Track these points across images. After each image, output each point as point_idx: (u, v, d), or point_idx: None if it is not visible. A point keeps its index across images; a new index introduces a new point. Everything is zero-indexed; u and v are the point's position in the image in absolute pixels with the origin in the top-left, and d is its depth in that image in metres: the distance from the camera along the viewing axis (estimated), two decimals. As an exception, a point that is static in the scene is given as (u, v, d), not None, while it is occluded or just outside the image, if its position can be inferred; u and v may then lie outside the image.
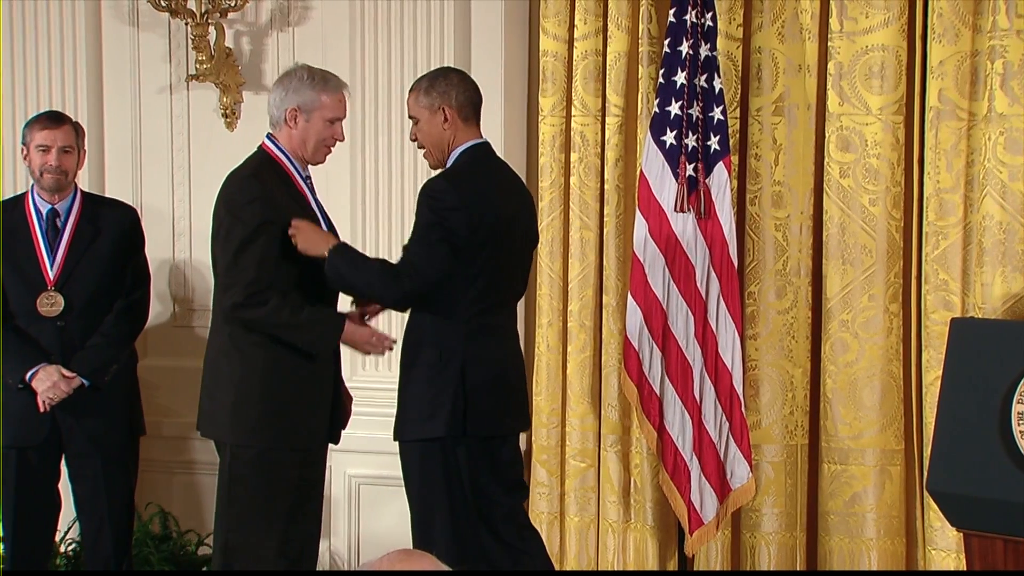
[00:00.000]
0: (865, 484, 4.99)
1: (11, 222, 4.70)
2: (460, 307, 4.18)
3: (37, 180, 4.68)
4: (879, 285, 4.98)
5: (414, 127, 4.28)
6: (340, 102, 4.20)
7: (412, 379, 4.24)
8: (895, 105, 4.95)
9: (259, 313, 4.08)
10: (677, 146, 4.85)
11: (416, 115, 4.24)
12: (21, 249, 4.68)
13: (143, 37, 5.62)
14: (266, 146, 4.22)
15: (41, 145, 4.64)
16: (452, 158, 4.24)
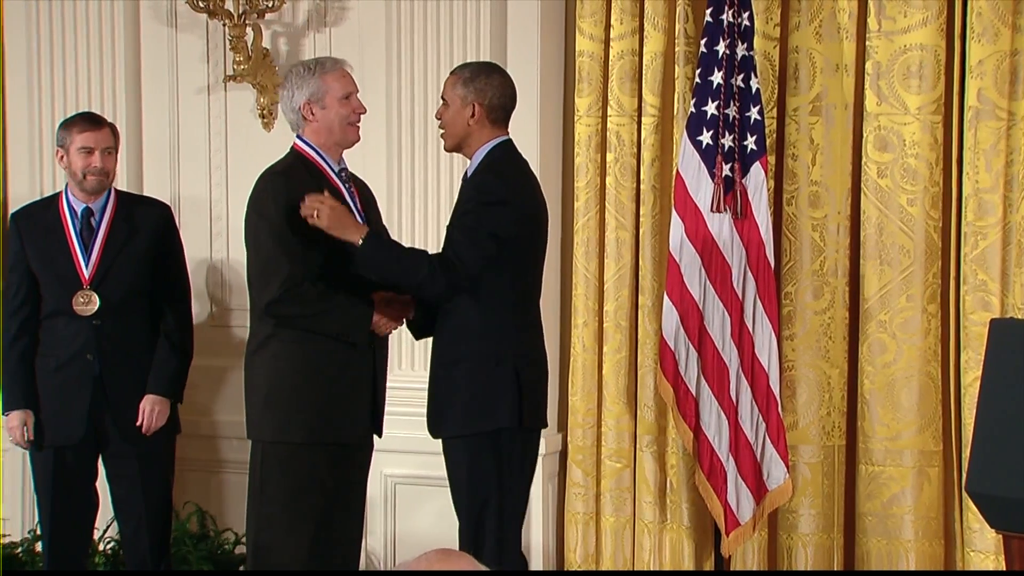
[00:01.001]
0: (903, 485, 4.99)
1: (45, 222, 4.74)
2: (508, 301, 4.19)
3: (79, 182, 4.70)
4: (917, 285, 4.98)
5: (442, 107, 4.28)
6: (344, 77, 4.22)
7: (457, 374, 4.20)
8: (934, 105, 4.94)
9: (295, 307, 4.11)
10: (713, 146, 4.84)
11: (448, 98, 4.24)
12: (56, 249, 4.71)
13: (181, 38, 5.65)
14: (297, 145, 4.25)
15: (84, 147, 4.66)
16: (481, 153, 4.24)
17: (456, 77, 4.24)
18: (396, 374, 5.23)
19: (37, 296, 4.72)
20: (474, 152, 4.24)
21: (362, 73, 5.33)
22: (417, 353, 5.28)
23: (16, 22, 5.73)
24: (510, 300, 4.19)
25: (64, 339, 4.69)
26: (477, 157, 4.24)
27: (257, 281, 4.17)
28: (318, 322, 4.13)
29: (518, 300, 4.22)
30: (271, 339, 4.17)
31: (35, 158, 5.73)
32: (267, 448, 4.19)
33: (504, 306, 4.17)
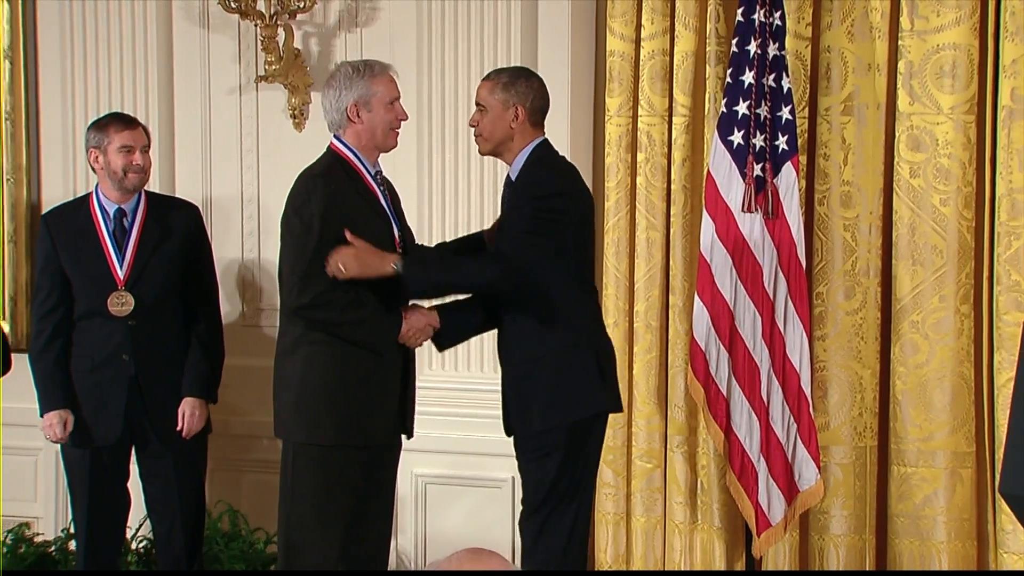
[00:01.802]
0: (936, 486, 5.00)
1: (77, 223, 4.76)
2: (575, 290, 4.28)
3: (119, 180, 4.71)
4: (950, 286, 4.98)
5: (479, 113, 4.31)
6: (391, 82, 4.24)
7: (540, 369, 4.25)
8: (966, 104, 4.94)
9: (327, 314, 4.15)
10: (745, 146, 4.85)
11: (486, 104, 4.28)
12: (89, 250, 4.73)
13: (213, 38, 5.66)
14: (335, 146, 4.27)
15: (125, 146, 4.69)
16: (524, 155, 4.29)
17: (493, 82, 4.29)
18: (426, 374, 5.26)
19: (70, 297, 4.74)
20: (515, 155, 4.29)
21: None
22: (447, 353, 5.23)
23: (50, 23, 5.77)
24: (576, 289, 4.28)
25: (99, 340, 4.72)
26: (520, 159, 4.29)
27: (289, 282, 4.20)
28: (348, 330, 4.18)
29: (584, 287, 4.32)
30: (302, 341, 4.21)
31: (68, 159, 5.77)
32: (298, 449, 4.23)
33: (573, 295, 4.26)
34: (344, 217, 4.14)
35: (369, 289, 4.20)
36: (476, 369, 5.37)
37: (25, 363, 4.86)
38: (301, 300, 4.16)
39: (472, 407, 5.29)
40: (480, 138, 4.32)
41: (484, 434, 5.25)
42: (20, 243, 5.88)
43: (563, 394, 4.23)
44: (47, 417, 4.72)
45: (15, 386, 5.07)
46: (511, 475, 5.23)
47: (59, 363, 4.72)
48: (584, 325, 4.30)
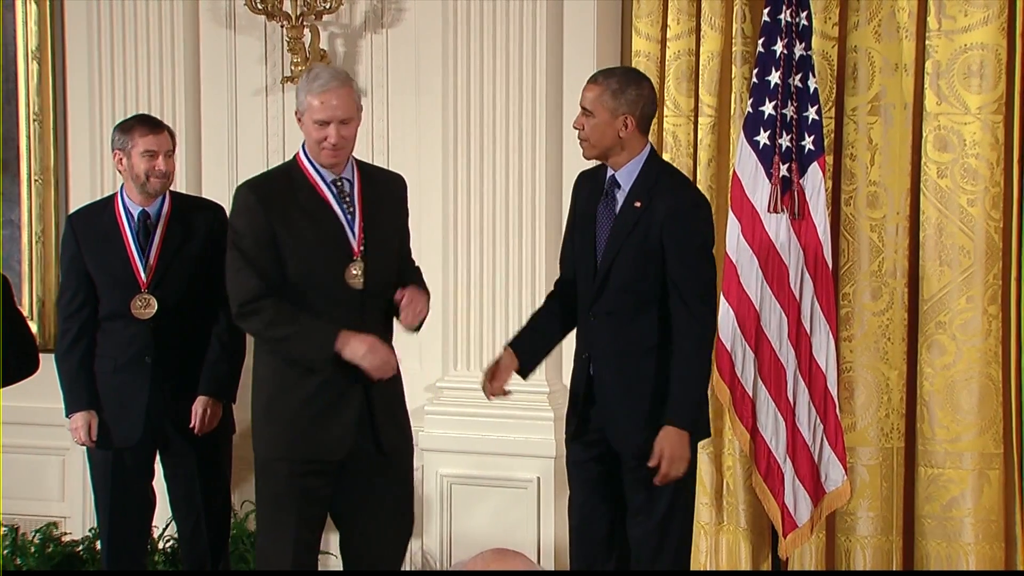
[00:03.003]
0: (963, 488, 5.00)
1: (102, 225, 4.77)
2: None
3: (141, 184, 4.71)
4: (977, 287, 4.98)
5: (584, 117, 4.17)
6: (323, 104, 4.03)
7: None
8: (994, 104, 4.94)
9: (252, 324, 4.16)
10: (771, 146, 4.85)
11: (594, 110, 4.14)
12: (113, 252, 4.74)
13: (239, 39, 5.69)
14: (298, 152, 4.25)
15: (148, 150, 4.68)
16: (638, 163, 4.20)
17: (601, 87, 4.15)
18: (450, 375, 5.30)
19: (95, 298, 4.77)
20: (625, 162, 4.20)
21: (418, 74, 5.50)
22: (473, 353, 5.36)
23: (77, 24, 5.80)
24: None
25: (122, 342, 4.74)
26: (631, 169, 4.19)
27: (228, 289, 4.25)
28: (273, 345, 4.17)
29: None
30: (257, 349, 4.32)
31: (96, 160, 5.79)
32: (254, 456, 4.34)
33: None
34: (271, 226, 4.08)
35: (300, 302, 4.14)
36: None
37: (52, 363, 4.89)
38: (231, 308, 4.18)
39: (496, 407, 5.17)
40: (586, 143, 4.19)
41: (509, 434, 5.31)
42: (48, 244, 5.95)
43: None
44: (73, 419, 4.75)
45: (42, 386, 5.08)
46: (536, 475, 5.30)
47: (84, 364, 4.75)
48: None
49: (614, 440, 4.22)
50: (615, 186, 4.22)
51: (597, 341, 4.23)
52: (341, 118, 4.05)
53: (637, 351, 4.17)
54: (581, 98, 4.21)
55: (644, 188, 4.18)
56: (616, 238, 4.18)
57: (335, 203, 4.14)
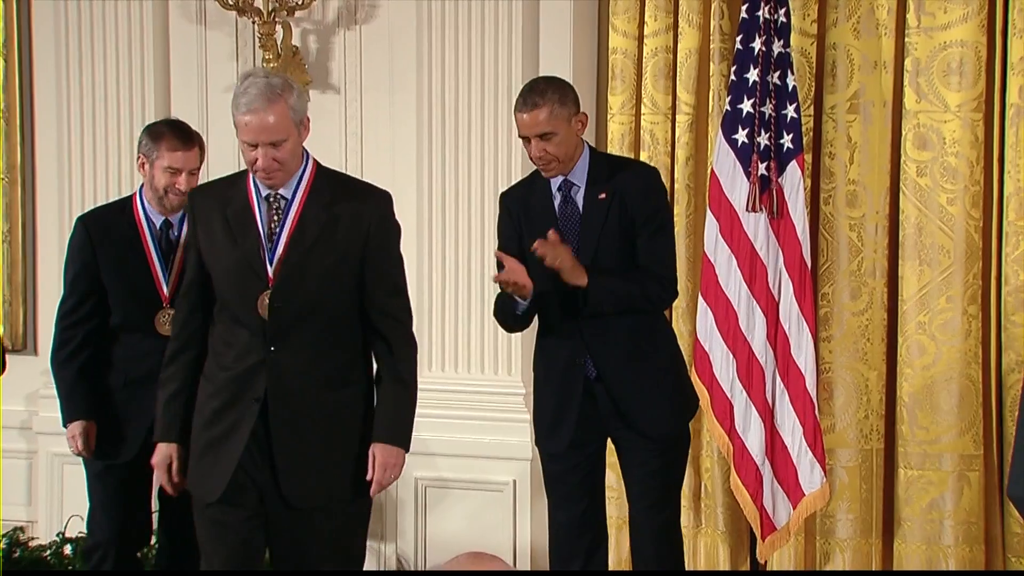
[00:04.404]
0: (943, 490, 5.04)
1: (120, 232, 4.56)
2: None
3: (159, 198, 4.55)
4: (957, 286, 5.01)
5: (545, 142, 4.16)
6: (246, 126, 3.67)
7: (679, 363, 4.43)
8: (974, 102, 4.97)
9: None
10: (749, 144, 4.86)
11: (554, 128, 4.15)
12: (134, 263, 4.55)
13: (210, 36, 5.66)
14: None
15: (170, 167, 4.50)
16: (586, 160, 4.28)
17: (548, 104, 4.15)
18: (426, 376, 5.26)
19: (104, 308, 4.57)
20: (575, 163, 4.27)
21: (392, 71, 5.47)
22: (448, 355, 5.36)
23: (44, 20, 5.77)
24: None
25: (136, 356, 4.56)
26: (583, 165, 4.27)
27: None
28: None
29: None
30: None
31: (63, 158, 5.76)
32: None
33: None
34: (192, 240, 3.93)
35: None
36: (476, 371, 5.39)
37: (19, 365, 4.81)
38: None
39: (472, 409, 5.34)
40: (555, 163, 4.20)
41: (484, 437, 5.32)
42: (15, 244, 5.90)
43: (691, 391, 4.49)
44: (71, 428, 4.60)
45: (9, 389, 5.04)
46: (512, 478, 5.31)
47: (84, 373, 4.59)
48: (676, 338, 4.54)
49: (646, 427, 4.29)
50: (570, 187, 4.28)
51: (595, 341, 4.27)
52: (269, 141, 3.66)
53: (643, 334, 4.28)
54: (526, 128, 4.18)
55: (601, 179, 4.25)
56: (590, 234, 4.23)
57: (260, 221, 3.77)
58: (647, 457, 4.31)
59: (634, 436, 4.31)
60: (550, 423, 4.36)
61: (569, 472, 4.36)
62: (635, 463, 4.35)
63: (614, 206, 4.22)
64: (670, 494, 4.39)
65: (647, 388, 4.28)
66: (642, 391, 4.28)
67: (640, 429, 4.30)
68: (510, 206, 4.39)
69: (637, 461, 4.34)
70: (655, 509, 4.35)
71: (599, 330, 4.25)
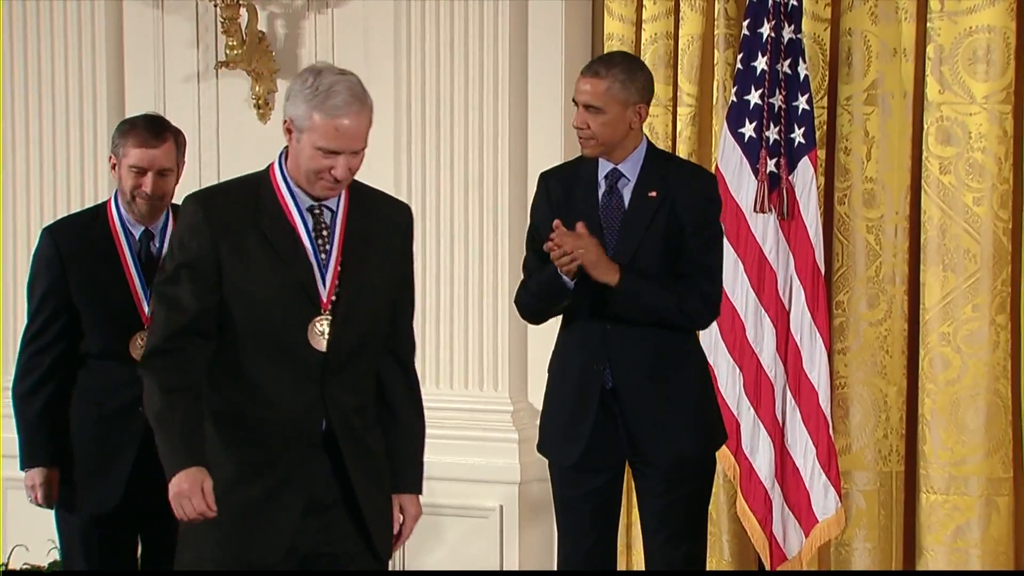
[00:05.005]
0: (969, 516, 4.95)
1: (93, 243, 4.24)
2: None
3: (127, 203, 4.25)
4: (984, 294, 4.93)
5: (589, 114, 4.05)
6: (335, 131, 3.39)
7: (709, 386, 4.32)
8: (1003, 93, 4.89)
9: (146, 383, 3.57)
10: (757, 139, 4.84)
11: (604, 105, 4.04)
12: (111, 280, 4.22)
13: (167, 20, 5.61)
14: (272, 164, 3.62)
15: (135, 166, 4.19)
16: (642, 153, 4.14)
17: (608, 80, 4.05)
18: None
19: (74, 331, 4.25)
20: (628, 153, 4.13)
21: (367, 59, 5.44)
22: (428, 368, 5.23)
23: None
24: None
25: (112, 386, 4.23)
26: (637, 157, 4.13)
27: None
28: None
29: None
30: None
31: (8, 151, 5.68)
32: None
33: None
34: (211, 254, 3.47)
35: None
36: (459, 386, 5.32)
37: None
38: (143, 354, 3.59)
39: (453, 428, 5.19)
40: (592, 141, 4.09)
41: (469, 458, 5.21)
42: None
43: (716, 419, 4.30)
44: (30, 475, 4.28)
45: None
46: (499, 503, 5.24)
47: (48, 410, 4.26)
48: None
49: (655, 455, 4.14)
50: (618, 178, 4.14)
51: (617, 349, 4.12)
52: (355, 149, 3.42)
53: (669, 352, 4.14)
54: (579, 93, 4.08)
55: (655, 177, 4.12)
56: (632, 233, 4.10)
57: (306, 236, 3.48)
58: (662, 487, 4.15)
59: (643, 461, 4.17)
60: (562, 429, 4.20)
61: (581, 499, 4.19)
62: (650, 492, 4.19)
63: (664, 207, 4.09)
64: (690, 526, 4.21)
65: (663, 412, 4.12)
66: (656, 415, 4.12)
67: (647, 456, 4.14)
68: (551, 187, 4.24)
69: (652, 491, 4.17)
70: (671, 543, 4.18)
71: (623, 338, 4.10)
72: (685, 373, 4.17)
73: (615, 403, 4.13)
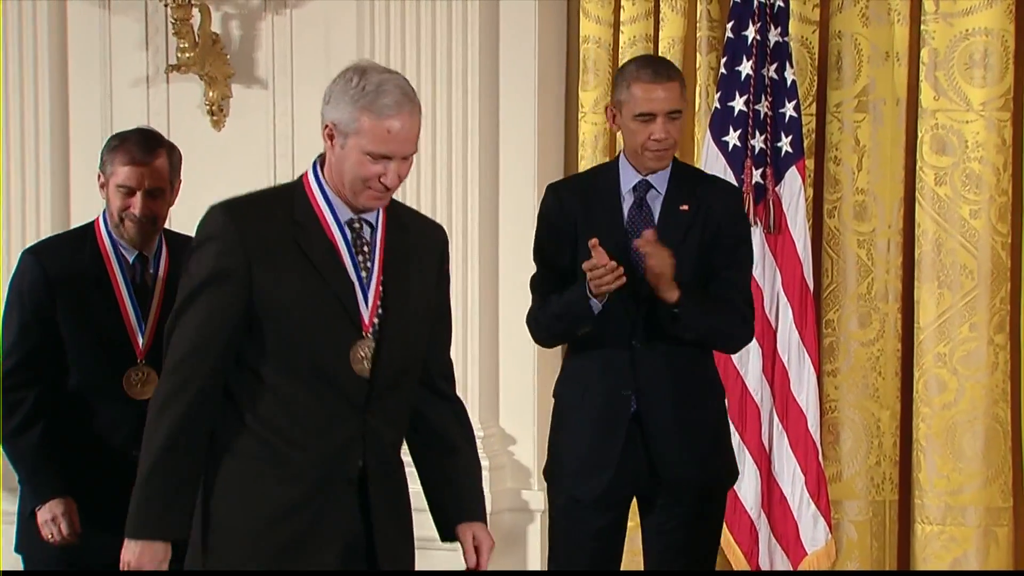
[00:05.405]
0: (966, 548, 4.91)
1: (83, 269, 3.98)
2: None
3: (115, 226, 3.99)
4: (982, 312, 4.88)
5: (671, 123, 3.91)
6: (387, 133, 3.22)
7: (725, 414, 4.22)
8: (1001, 100, 4.84)
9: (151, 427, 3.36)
10: (742, 148, 4.82)
11: (682, 107, 3.95)
12: (103, 309, 3.96)
13: (115, 21, 5.52)
14: (306, 174, 3.40)
15: (123, 185, 3.93)
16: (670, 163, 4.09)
17: (677, 80, 3.94)
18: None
19: (58, 364, 4.00)
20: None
21: (328, 62, 5.30)
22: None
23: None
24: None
25: (100, 428, 3.98)
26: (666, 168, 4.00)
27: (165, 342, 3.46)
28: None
29: None
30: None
31: None
32: None
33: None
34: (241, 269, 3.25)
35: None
36: None
37: None
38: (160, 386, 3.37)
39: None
40: (668, 152, 3.95)
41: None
42: None
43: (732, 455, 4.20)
44: (47, 509, 3.95)
45: None
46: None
47: (47, 441, 3.99)
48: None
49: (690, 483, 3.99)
50: (647, 190, 3.99)
51: (645, 372, 3.96)
52: (407, 153, 3.27)
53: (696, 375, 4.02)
54: (653, 102, 3.88)
55: (685, 188, 3.99)
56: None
57: (346, 252, 3.30)
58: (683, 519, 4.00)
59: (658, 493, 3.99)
60: (586, 462, 3.99)
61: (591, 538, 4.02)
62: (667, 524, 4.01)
63: (697, 222, 3.96)
64: (708, 563, 4.10)
65: (688, 438, 3.98)
66: (682, 441, 3.97)
67: (671, 485, 3.97)
68: (566, 200, 4.03)
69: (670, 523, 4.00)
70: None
71: (651, 359, 3.95)
72: (707, 402, 4.06)
73: (638, 429, 3.98)
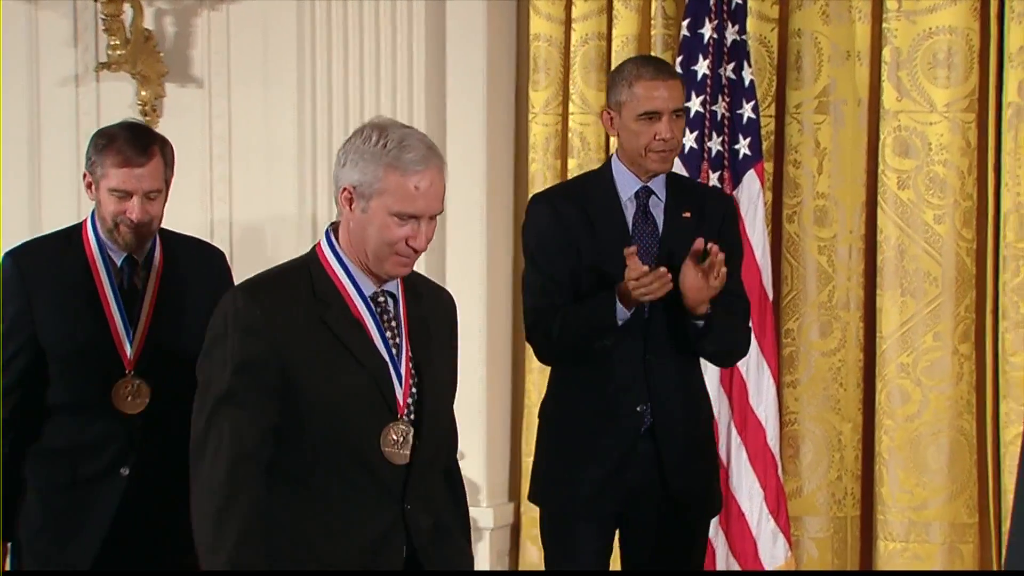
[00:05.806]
0: (930, 565, 4.88)
1: (66, 273, 3.81)
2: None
3: (108, 230, 3.80)
4: (946, 321, 4.87)
5: (676, 123, 3.84)
6: (415, 190, 3.03)
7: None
8: (965, 100, 4.83)
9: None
10: (698, 150, 4.81)
11: (684, 105, 3.94)
12: (83, 313, 3.79)
13: (42, 17, 5.47)
14: (320, 244, 3.24)
15: (117, 190, 3.74)
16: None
17: (678, 77, 3.91)
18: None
19: (36, 378, 3.82)
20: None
21: (266, 61, 5.32)
22: None
23: None
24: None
25: (87, 445, 3.80)
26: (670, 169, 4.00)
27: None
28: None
29: None
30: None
31: None
32: None
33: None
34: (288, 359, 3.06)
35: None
36: None
37: None
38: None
39: None
40: (673, 153, 3.91)
41: None
42: None
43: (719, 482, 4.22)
44: None
45: None
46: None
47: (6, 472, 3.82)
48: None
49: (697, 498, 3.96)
50: (648, 196, 3.92)
51: (657, 387, 3.89)
52: (435, 212, 3.09)
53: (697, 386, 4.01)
54: (657, 100, 3.80)
55: (682, 194, 3.95)
56: (672, 258, 3.88)
57: (375, 329, 3.12)
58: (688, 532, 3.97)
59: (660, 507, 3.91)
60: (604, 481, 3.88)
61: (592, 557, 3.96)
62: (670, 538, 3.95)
63: (700, 229, 3.87)
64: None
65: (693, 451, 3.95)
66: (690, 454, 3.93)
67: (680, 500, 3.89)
68: (562, 209, 3.91)
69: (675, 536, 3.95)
70: None
71: (662, 371, 3.89)
72: (702, 413, 4.03)
73: (652, 445, 3.90)
